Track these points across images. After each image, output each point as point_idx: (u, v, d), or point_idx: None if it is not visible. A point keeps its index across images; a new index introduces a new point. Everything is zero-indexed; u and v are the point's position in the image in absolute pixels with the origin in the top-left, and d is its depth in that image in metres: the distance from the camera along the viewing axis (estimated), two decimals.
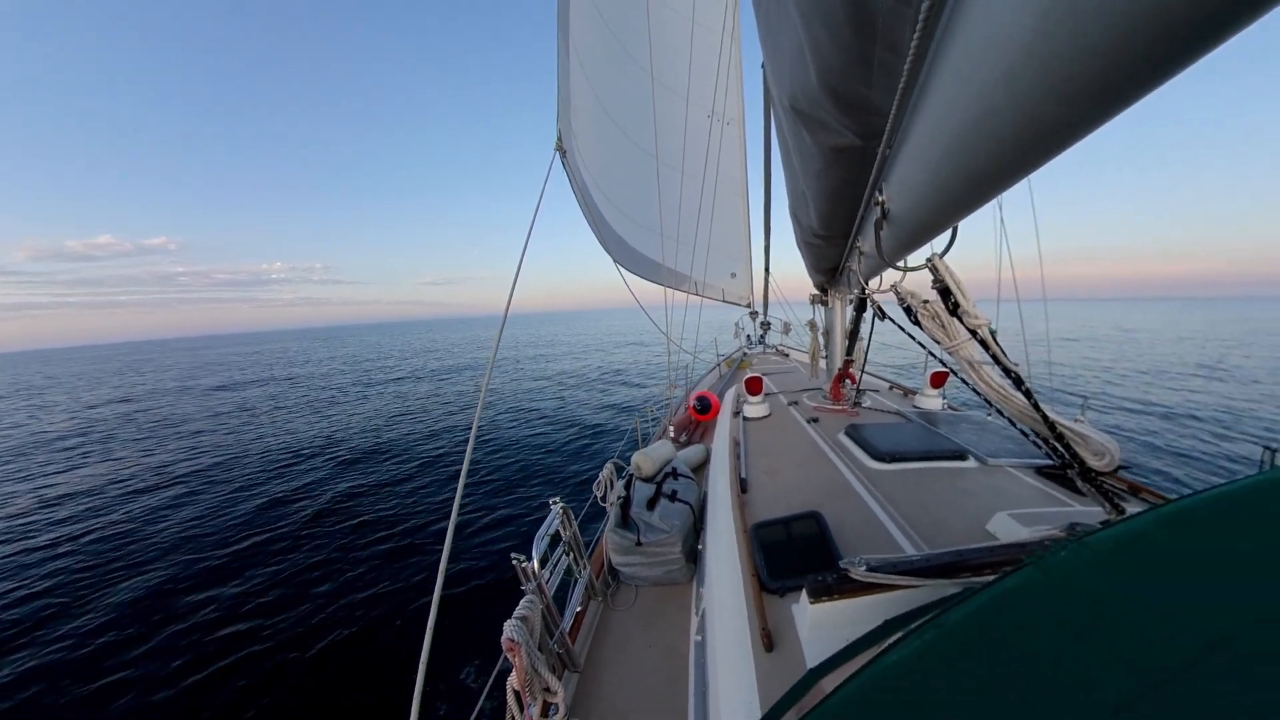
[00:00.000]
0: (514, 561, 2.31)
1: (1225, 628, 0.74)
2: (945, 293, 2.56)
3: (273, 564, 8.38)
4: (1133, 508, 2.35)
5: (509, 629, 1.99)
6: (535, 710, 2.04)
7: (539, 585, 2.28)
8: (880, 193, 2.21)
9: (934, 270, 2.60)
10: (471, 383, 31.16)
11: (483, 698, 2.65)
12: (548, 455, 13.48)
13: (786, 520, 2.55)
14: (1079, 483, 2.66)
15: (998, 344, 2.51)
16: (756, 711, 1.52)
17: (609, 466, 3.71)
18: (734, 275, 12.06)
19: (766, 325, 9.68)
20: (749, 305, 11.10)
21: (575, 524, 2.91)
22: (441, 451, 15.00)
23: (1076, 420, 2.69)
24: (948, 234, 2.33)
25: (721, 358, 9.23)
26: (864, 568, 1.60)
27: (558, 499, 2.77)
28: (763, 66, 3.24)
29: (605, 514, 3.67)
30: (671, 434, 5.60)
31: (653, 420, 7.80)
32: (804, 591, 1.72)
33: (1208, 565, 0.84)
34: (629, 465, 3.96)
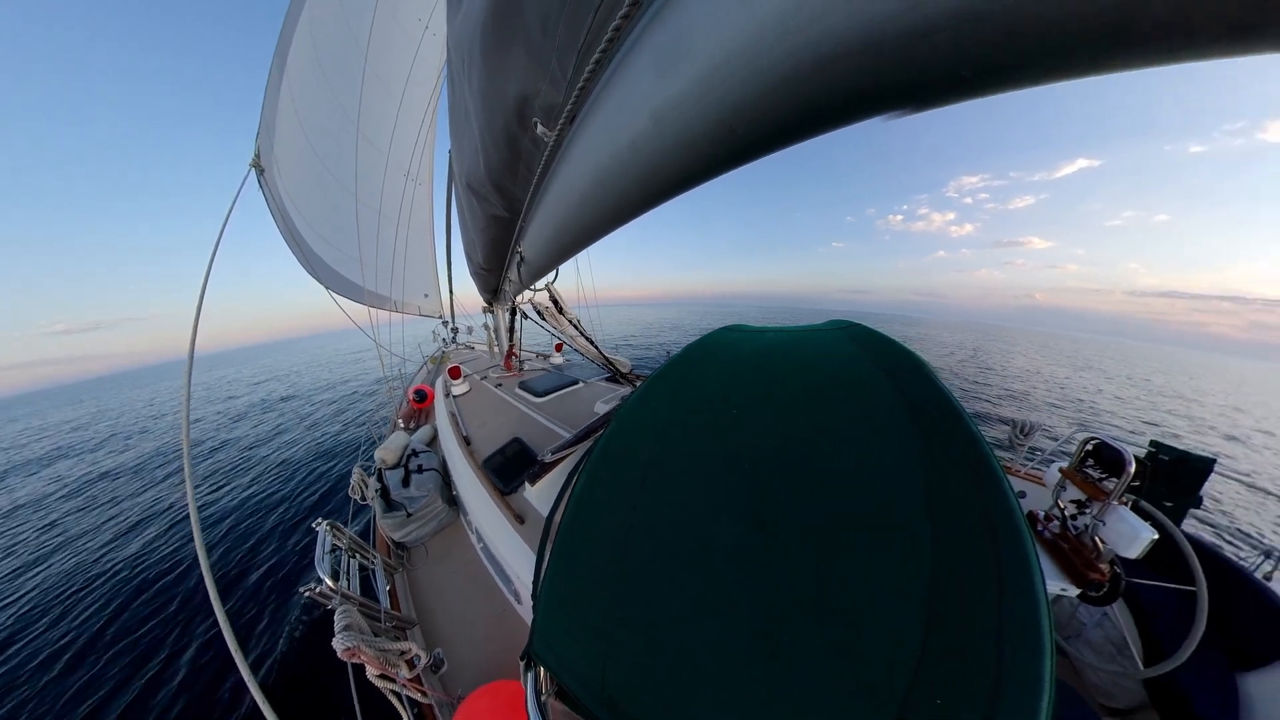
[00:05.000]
0: (306, 593, 1.61)
1: (679, 413, 0.90)
2: (555, 302, 3.03)
3: None
4: (638, 383, 3.24)
5: (339, 642, 1.42)
6: (404, 672, 1.54)
7: (342, 595, 1.68)
8: (519, 245, 2.34)
9: (549, 290, 3.05)
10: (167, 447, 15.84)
11: (357, 708, 1.80)
12: (292, 489, 8.44)
13: (502, 449, 2.49)
14: (620, 380, 3.60)
15: (581, 327, 3.16)
16: (531, 555, 1.47)
17: (356, 471, 2.81)
18: (427, 295, 10.25)
19: (455, 330, 8.59)
20: (442, 316, 9.67)
21: (348, 529, 2.17)
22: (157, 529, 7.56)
23: (615, 354, 3.66)
24: (555, 272, 2.73)
25: (426, 357, 7.77)
26: (550, 454, 1.71)
27: (320, 520, 2.02)
28: (450, 151, 2.94)
29: (370, 509, 2.81)
30: (401, 425, 4.46)
31: (381, 420, 5.97)
32: (526, 483, 1.73)
33: (667, 393, 1.00)
34: (374, 462, 3.06)
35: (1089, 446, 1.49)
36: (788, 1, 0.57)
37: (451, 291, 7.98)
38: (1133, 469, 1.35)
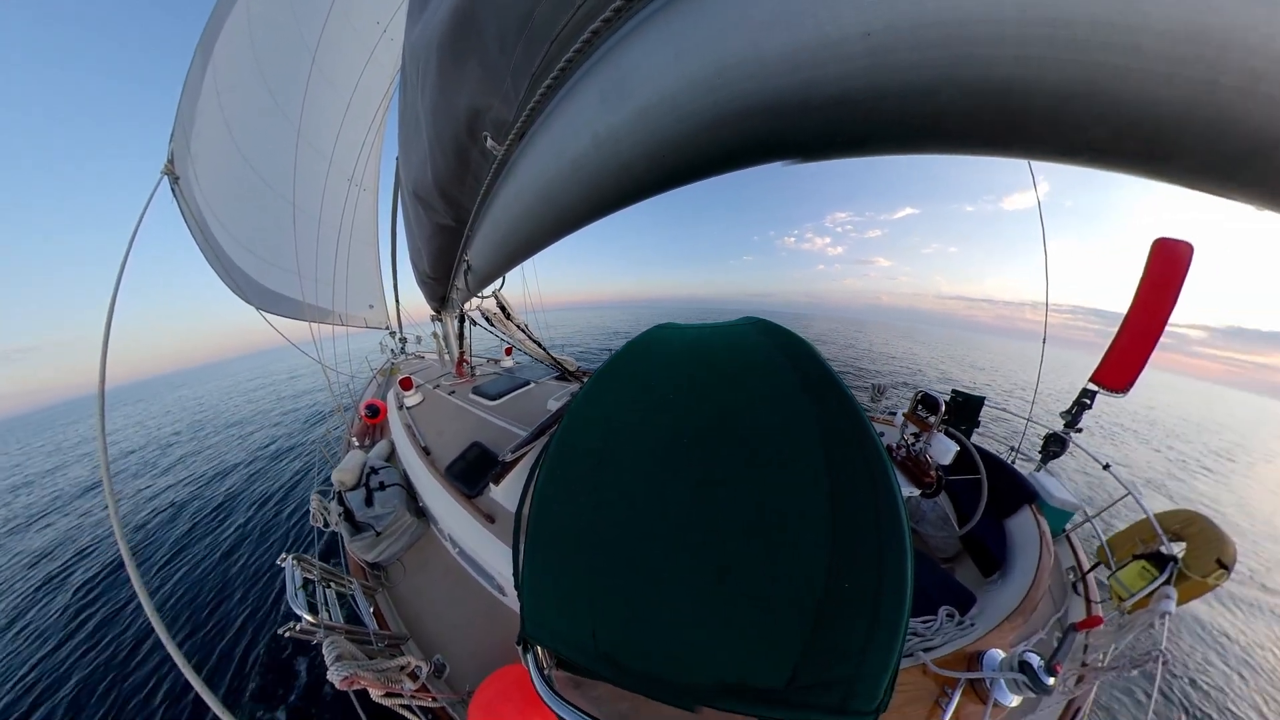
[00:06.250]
0: (285, 633, 1.37)
1: (624, 402, 0.88)
2: (503, 308, 2.84)
3: None
4: (586, 379, 3.10)
5: (333, 674, 1.22)
6: (409, 684, 1.36)
7: (325, 627, 1.43)
8: (466, 254, 2.18)
9: (497, 297, 2.85)
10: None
11: None
12: (246, 526, 6.60)
13: (463, 455, 2.31)
14: (569, 377, 3.47)
15: (529, 330, 3.00)
16: (506, 551, 1.41)
17: (314, 498, 2.37)
18: (372, 306, 8.51)
19: (404, 340, 7.42)
20: (389, 327, 8.30)
21: (317, 560, 1.85)
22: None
23: (565, 355, 3.51)
24: (501, 279, 2.56)
25: (375, 370, 6.51)
26: (510, 453, 1.60)
27: (285, 555, 1.70)
28: (397, 158, 2.65)
29: (337, 534, 2.37)
30: (356, 443, 3.70)
31: (335, 440, 4.94)
32: (490, 483, 1.60)
33: (612, 385, 0.97)
34: (333, 485, 2.60)
35: (919, 396, 1.98)
36: (711, 65, 0.63)
37: (398, 301, 6.99)
38: (943, 408, 1.87)
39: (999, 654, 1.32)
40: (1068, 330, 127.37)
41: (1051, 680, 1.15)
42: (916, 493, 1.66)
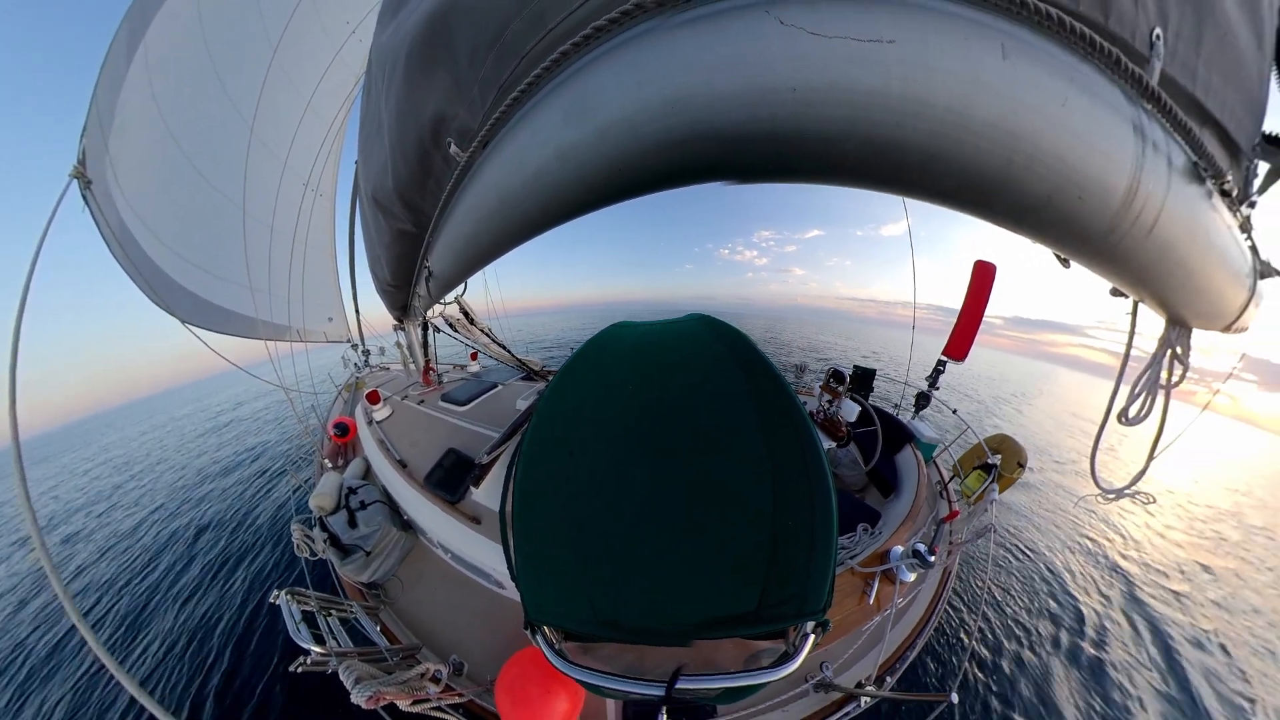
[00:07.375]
0: (298, 670, 1.20)
1: (588, 396, 0.85)
2: (466, 314, 2.66)
3: None
4: (551, 377, 2.87)
5: (356, 696, 1.13)
6: (433, 689, 1.29)
7: (336, 654, 1.27)
8: (427, 260, 1.96)
9: (459, 303, 2.65)
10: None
11: None
12: (230, 566, 5.54)
13: (439, 463, 2.17)
14: (534, 376, 3.35)
15: (493, 334, 2.85)
16: (497, 548, 1.37)
17: (295, 527, 2.05)
18: (331, 319, 6.97)
19: (367, 352, 6.36)
20: (349, 340, 7.09)
21: (311, 590, 1.61)
22: None
23: (528, 356, 3.39)
24: (464, 284, 2.37)
25: (340, 386, 5.47)
26: (486, 455, 1.54)
27: (277, 592, 1.44)
28: (356, 162, 2.31)
29: (326, 561, 2.08)
30: (329, 465, 3.17)
31: (303, 464, 4.18)
32: (471, 486, 1.55)
33: (576, 381, 0.92)
34: (312, 512, 2.26)
35: (830, 372, 2.36)
36: (669, 95, 0.67)
37: (358, 311, 6.03)
38: (849, 379, 2.24)
39: (899, 549, 1.67)
40: (926, 322, 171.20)
41: (933, 558, 1.52)
42: (833, 445, 2.02)
